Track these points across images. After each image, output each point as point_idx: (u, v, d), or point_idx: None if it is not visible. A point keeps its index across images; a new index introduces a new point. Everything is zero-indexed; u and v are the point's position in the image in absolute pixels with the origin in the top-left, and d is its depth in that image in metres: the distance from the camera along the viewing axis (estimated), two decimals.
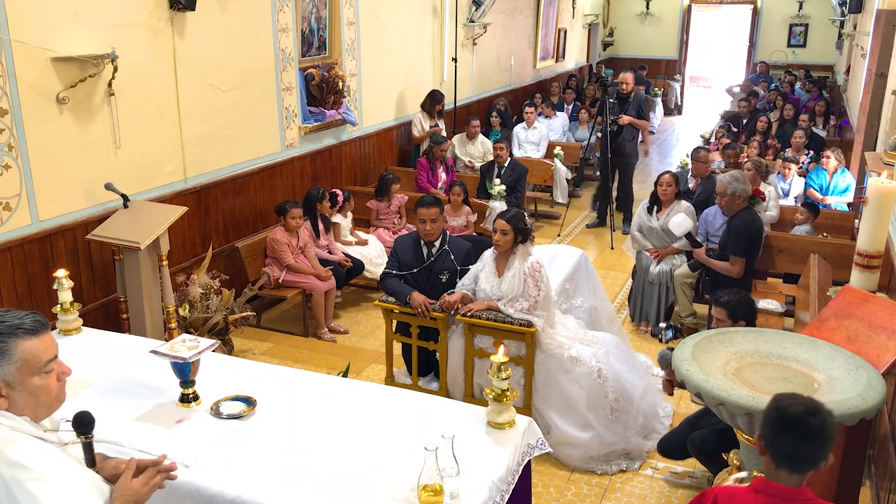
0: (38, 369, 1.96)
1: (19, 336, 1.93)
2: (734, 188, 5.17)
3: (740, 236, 5.19)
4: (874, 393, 2.34)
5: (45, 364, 1.97)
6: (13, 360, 1.92)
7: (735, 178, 5.22)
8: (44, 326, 2.00)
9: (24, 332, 1.94)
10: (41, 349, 1.97)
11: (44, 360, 1.97)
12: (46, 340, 1.99)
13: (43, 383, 1.98)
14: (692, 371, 2.47)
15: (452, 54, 9.23)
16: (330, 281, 5.87)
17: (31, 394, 1.96)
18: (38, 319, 1.99)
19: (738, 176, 5.29)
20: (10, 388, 1.93)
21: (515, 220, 4.19)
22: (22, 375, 1.94)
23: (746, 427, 2.42)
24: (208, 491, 2.56)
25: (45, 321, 2.02)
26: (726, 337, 2.72)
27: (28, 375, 1.95)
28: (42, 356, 1.97)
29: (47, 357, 1.98)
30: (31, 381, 1.95)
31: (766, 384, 2.51)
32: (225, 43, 5.64)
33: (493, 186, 7.18)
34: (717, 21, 18.94)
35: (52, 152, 4.43)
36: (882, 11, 7.36)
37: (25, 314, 1.99)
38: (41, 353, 1.96)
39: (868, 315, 2.92)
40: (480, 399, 4.07)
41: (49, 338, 2.01)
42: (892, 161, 4.08)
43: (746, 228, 5.21)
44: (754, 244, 5.33)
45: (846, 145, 8.79)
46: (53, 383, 2.01)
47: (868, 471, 3.95)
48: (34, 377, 1.96)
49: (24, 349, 1.93)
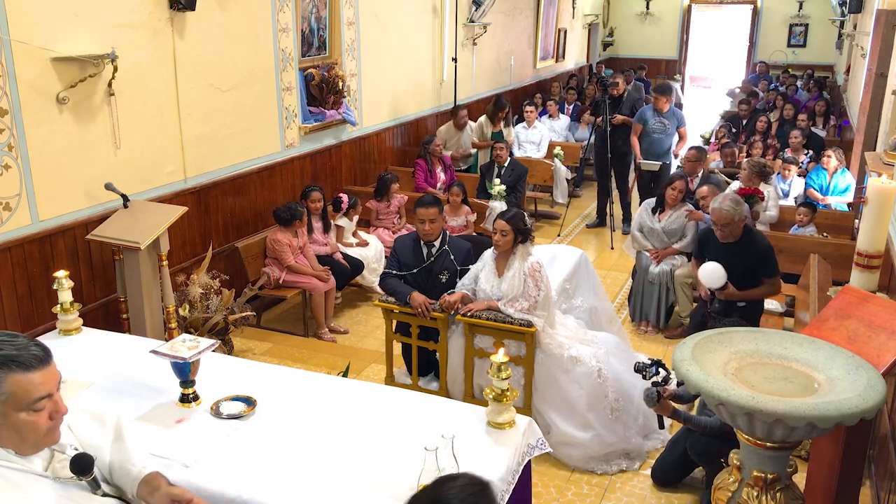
0: (27, 405, 1.85)
1: (11, 369, 1.83)
2: (739, 213, 4.59)
3: (768, 255, 4.69)
4: (874, 393, 2.34)
5: (35, 401, 1.86)
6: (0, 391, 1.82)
7: (734, 202, 4.62)
8: (41, 362, 1.88)
9: (17, 365, 1.83)
10: (33, 385, 1.85)
11: (34, 396, 1.86)
12: (43, 377, 1.88)
13: (30, 420, 1.87)
14: (692, 371, 2.47)
15: (452, 54, 9.23)
16: (330, 281, 5.87)
17: (14, 429, 1.86)
18: (36, 355, 1.87)
19: (732, 197, 4.71)
20: None
21: (515, 221, 4.19)
22: (7, 409, 1.83)
23: (746, 427, 2.42)
24: (208, 491, 2.56)
25: (46, 356, 1.90)
26: (726, 337, 2.72)
27: (14, 410, 1.84)
28: (33, 393, 1.85)
29: (38, 394, 1.86)
30: (16, 416, 1.85)
31: (766, 384, 2.50)
32: (225, 43, 5.64)
33: (492, 186, 7.18)
34: (717, 21, 18.93)
35: (52, 152, 4.42)
36: (882, 11, 7.36)
37: (29, 344, 1.88)
38: (32, 390, 1.85)
39: (868, 315, 2.92)
40: (480, 399, 4.07)
41: (47, 374, 1.89)
42: (892, 161, 4.08)
43: (766, 243, 4.73)
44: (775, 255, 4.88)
45: (846, 145, 8.78)
46: (43, 421, 1.89)
47: (868, 471, 3.95)
48: (20, 413, 1.85)
49: (14, 383, 1.83)
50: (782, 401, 2.31)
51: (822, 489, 3.02)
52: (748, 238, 4.70)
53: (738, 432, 2.56)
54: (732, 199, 4.64)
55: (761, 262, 4.67)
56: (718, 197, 4.71)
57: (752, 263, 4.65)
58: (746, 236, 4.70)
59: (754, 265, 4.66)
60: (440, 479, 1.90)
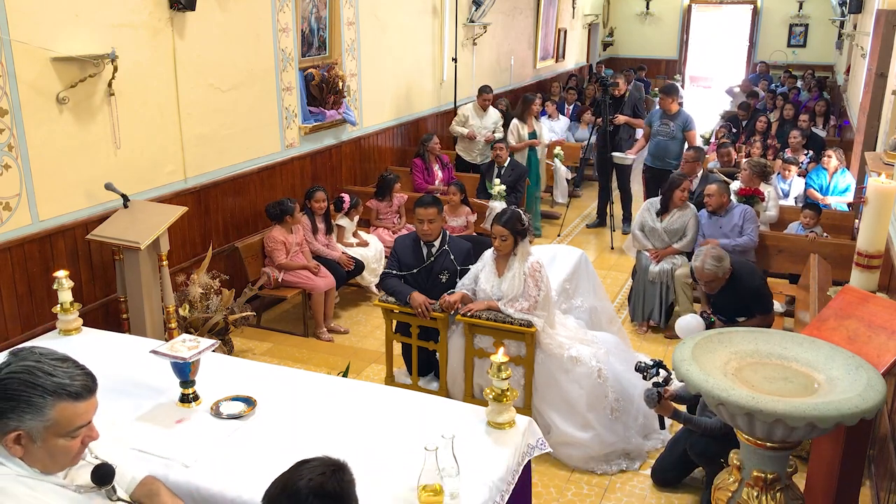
0: (67, 433, 1.88)
1: (62, 397, 1.84)
2: (723, 269, 4.51)
3: (759, 293, 4.65)
4: (874, 393, 2.34)
5: (76, 429, 1.89)
6: (45, 417, 1.84)
7: (716, 260, 4.49)
8: (89, 392, 1.91)
9: (68, 395, 1.85)
10: (77, 415, 1.88)
11: (76, 425, 1.89)
12: (87, 406, 1.91)
13: (66, 445, 1.90)
14: (692, 371, 2.47)
15: (452, 54, 9.23)
16: (330, 280, 5.87)
17: (49, 453, 1.89)
18: (86, 385, 1.90)
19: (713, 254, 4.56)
20: (30, 441, 1.85)
21: (512, 223, 4.17)
22: (48, 434, 1.86)
23: (746, 427, 2.42)
24: (208, 491, 2.56)
25: (93, 385, 1.92)
26: (726, 337, 2.72)
27: (54, 436, 1.87)
28: (75, 422, 1.88)
29: (80, 423, 1.90)
30: (54, 442, 1.87)
31: (766, 384, 2.50)
32: (225, 43, 5.64)
33: (492, 186, 7.19)
34: (717, 21, 18.92)
35: (52, 152, 4.42)
36: (882, 11, 7.36)
37: (79, 373, 1.89)
38: (75, 419, 1.88)
39: (868, 315, 2.92)
40: (480, 399, 4.07)
41: (90, 403, 1.92)
42: (892, 161, 4.08)
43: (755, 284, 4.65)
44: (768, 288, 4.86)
45: (846, 145, 8.79)
46: (76, 446, 1.93)
47: (868, 471, 3.95)
48: (59, 438, 1.88)
49: (60, 410, 1.85)
50: (782, 401, 2.31)
51: (822, 489, 3.02)
52: (735, 281, 4.60)
53: (738, 432, 2.56)
54: (714, 256, 4.52)
55: (754, 301, 4.64)
56: (699, 254, 4.59)
57: (744, 301, 4.62)
58: (733, 280, 4.60)
59: (747, 303, 4.64)
60: (297, 462, 1.90)
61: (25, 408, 1.82)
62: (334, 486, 1.83)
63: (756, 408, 2.29)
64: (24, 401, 1.82)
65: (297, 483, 1.81)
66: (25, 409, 1.82)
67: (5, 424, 1.82)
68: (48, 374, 1.85)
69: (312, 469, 1.85)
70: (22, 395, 1.81)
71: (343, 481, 1.86)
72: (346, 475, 1.88)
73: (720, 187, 5.89)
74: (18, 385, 1.82)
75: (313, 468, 1.85)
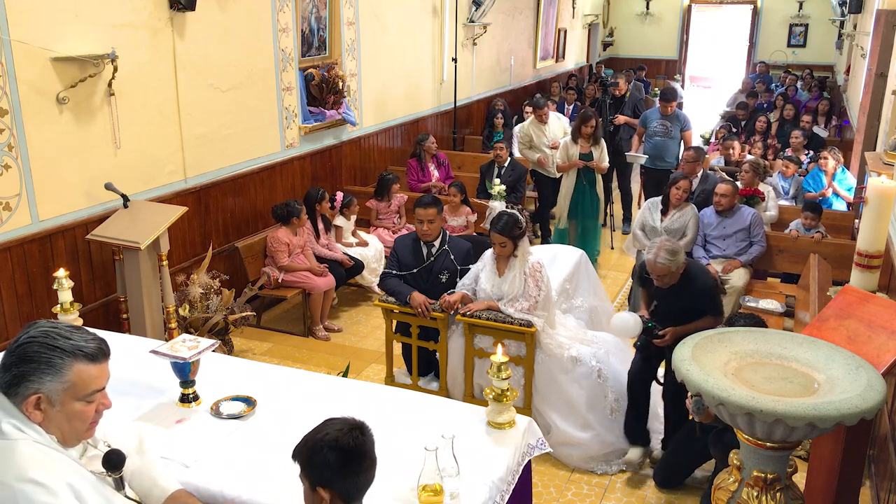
0: (83, 396, 1.93)
1: (78, 358, 1.91)
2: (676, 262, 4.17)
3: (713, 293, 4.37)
4: (874, 393, 2.33)
5: (91, 393, 1.95)
6: (63, 379, 1.89)
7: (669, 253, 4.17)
8: (104, 355, 1.97)
9: (84, 355, 1.91)
10: (93, 377, 1.94)
11: (92, 388, 1.94)
12: (102, 369, 1.97)
13: (82, 410, 1.95)
14: (692, 371, 2.47)
15: (452, 54, 9.23)
16: (330, 280, 5.88)
17: (67, 417, 1.93)
18: (101, 348, 1.96)
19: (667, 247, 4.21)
20: (49, 405, 1.90)
21: (509, 229, 4.15)
22: (66, 397, 1.91)
23: (746, 427, 2.42)
24: (208, 491, 2.56)
25: (107, 350, 1.99)
26: (726, 337, 2.72)
27: (72, 399, 1.92)
28: (91, 385, 1.94)
29: (96, 387, 1.95)
30: (72, 405, 1.92)
31: (766, 384, 2.50)
32: (225, 43, 5.64)
33: (492, 186, 7.18)
34: (717, 21, 18.93)
35: (52, 152, 4.42)
36: (882, 11, 7.36)
37: (92, 338, 1.96)
38: (91, 382, 1.94)
39: (868, 315, 2.92)
40: (480, 399, 4.07)
41: (105, 368, 1.98)
42: (892, 161, 4.08)
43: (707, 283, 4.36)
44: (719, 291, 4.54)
45: (846, 145, 8.79)
46: (91, 412, 1.98)
47: (868, 471, 3.96)
48: (76, 402, 1.93)
49: (77, 372, 1.91)
50: (782, 401, 2.31)
51: (822, 489, 3.02)
52: (687, 279, 4.27)
53: (738, 432, 2.56)
54: (668, 249, 4.22)
55: (708, 300, 4.33)
56: (653, 247, 4.30)
57: (696, 302, 4.30)
58: (686, 278, 4.27)
59: (699, 304, 4.31)
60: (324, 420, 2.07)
61: (46, 368, 1.88)
62: (348, 442, 1.97)
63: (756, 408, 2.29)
64: (45, 361, 1.88)
65: (317, 436, 1.99)
66: (46, 369, 1.88)
67: (26, 388, 1.88)
68: (65, 338, 1.92)
69: (333, 425, 2.02)
70: (42, 356, 1.88)
71: (358, 438, 2.00)
72: (363, 434, 2.02)
73: (734, 187, 5.89)
74: (39, 348, 1.88)
75: (335, 424, 2.02)
